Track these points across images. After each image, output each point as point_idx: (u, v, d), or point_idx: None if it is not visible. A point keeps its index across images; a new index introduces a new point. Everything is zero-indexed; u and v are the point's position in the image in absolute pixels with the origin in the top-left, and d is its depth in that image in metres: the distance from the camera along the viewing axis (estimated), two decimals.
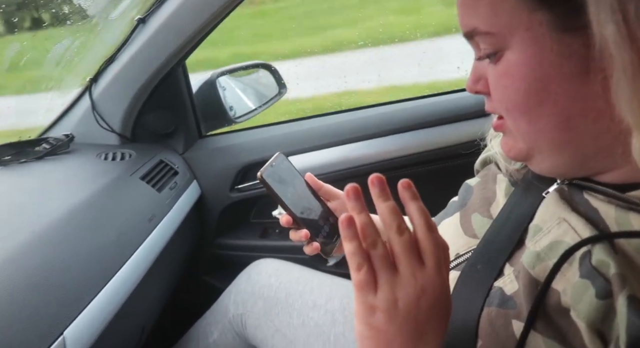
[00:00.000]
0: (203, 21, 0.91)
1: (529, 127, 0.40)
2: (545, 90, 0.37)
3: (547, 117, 0.38)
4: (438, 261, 0.37)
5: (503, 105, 0.41)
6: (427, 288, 0.36)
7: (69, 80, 1.09)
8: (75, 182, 0.88)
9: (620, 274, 0.34)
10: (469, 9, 0.40)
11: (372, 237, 0.37)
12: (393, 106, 1.20)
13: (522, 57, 0.37)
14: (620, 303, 0.33)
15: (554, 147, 0.40)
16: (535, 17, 0.36)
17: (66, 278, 0.62)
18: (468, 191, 0.61)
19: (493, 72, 0.40)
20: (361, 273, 0.37)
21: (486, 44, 0.40)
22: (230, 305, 0.94)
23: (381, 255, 0.37)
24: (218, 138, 1.23)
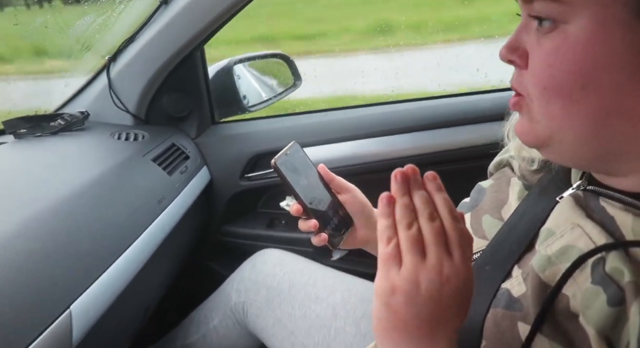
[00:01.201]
0: (225, 7, 0.91)
1: (562, 112, 0.37)
2: (594, 77, 0.35)
3: (586, 106, 0.36)
4: (464, 252, 0.38)
5: (541, 83, 0.37)
6: (452, 277, 0.36)
7: (88, 58, 1.10)
8: (88, 159, 0.88)
9: (635, 282, 0.34)
10: None
11: (410, 218, 0.38)
12: (409, 104, 1.20)
13: (584, 36, 0.34)
14: (634, 312, 0.33)
15: (580, 138, 0.38)
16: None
17: (76, 251, 0.63)
18: (480, 193, 0.60)
19: (540, 44, 0.37)
20: (389, 246, 0.37)
21: (547, 9, 0.36)
22: (232, 292, 0.95)
23: (413, 236, 0.37)
24: (231, 125, 1.23)
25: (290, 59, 1.38)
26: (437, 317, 0.37)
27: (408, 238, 0.37)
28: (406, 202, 0.38)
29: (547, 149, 0.41)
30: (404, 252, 0.37)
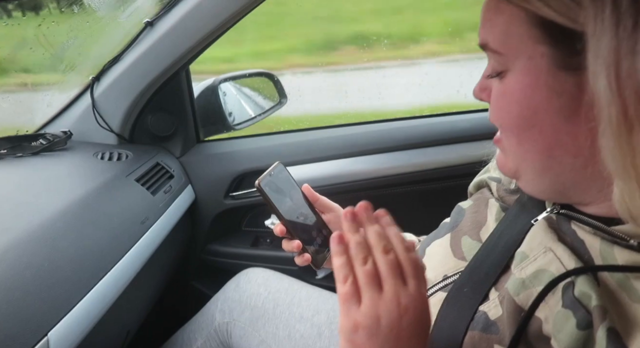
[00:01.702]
0: (210, 29, 0.93)
1: (518, 147, 0.42)
2: (534, 118, 0.39)
3: (533, 142, 0.40)
4: (419, 281, 0.40)
5: (498, 121, 0.44)
6: (410, 307, 0.38)
7: (71, 77, 1.09)
8: (70, 179, 0.87)
9: (602, 306, 0.35)
10: (487, 23, 0.41)
11: (364, 253, 0.40)
12: (391, 123, 1.22)
13: (520, 83, 0.39)
14: (600, 336, 0.34)
15: (535, 172, 0.42)
16: (538, 48, 0.37)
17: (55, 278, 0.62)
18: (460, 213, 0.62)
19: (495, 88, 0.42)
20: (346, 285, 0.39)
21: (494, 61, 0.42)
22: (216, 312, 0.94)
23: (369, 271, 0.39)
24: (216, 144, 1.23)
25: (275, 77, 1.40)
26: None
27: (365, 274, 0.39)
28: (359, 239, 0.41)
29: (519, 181, 0.46)
30: (362, 288, 0.39)
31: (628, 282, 0.36)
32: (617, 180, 0.34)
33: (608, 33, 0.31)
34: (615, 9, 0.31)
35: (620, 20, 0.31)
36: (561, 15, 0.34)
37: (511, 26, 0.38)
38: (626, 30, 0.31)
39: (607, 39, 0.31)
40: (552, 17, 0.35)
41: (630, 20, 0.31)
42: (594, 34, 0.32)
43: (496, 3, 0.40)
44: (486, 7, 0.41)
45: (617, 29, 0.31)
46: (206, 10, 0.91)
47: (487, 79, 0.45)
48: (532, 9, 0.36)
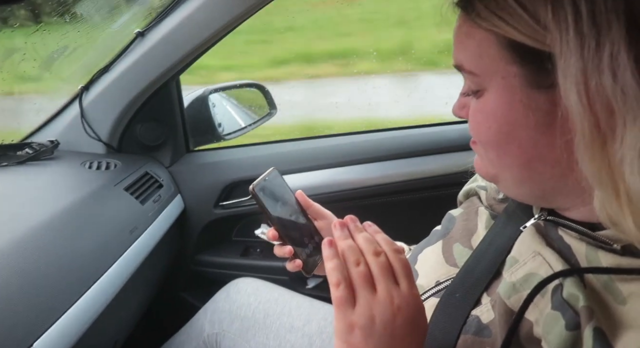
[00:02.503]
0: (200, 40, 0.93)
1: (497, 159, 0.44)
2: (512, 134, 0.41)
3: (512, 155, 0.42)
4: (411, 281, 0.41)
5: (477, 137, 0.46)
6: (402, 306, 0.39)
7: (60, 87, 1.09)
8: (57, 189, 0.86)
9: (588, 307, 0.36)
10: (460, 46, 0.43)
11: (356, 256, 0.41)
12: (382, 134, 1.23)
13: (496, 101, 0.41)
14: (587, 335, 0.35)
15: (515, 180, 0.44)
16: (510, 68, 0.39)
17: (41, 287, 0.60)
18: (451, 221, 0.63)
19: (473, 105, 0.44)
20: (340, 289, 0.40)
21: (469, 81, 0.44)
22: (206, 323, 0.92)
23: (362, 273, 0.40)
24: (205, 153, 1.23)
25: (265, 88, 1.41)
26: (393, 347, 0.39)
27: (359, 275, 0.40)
28: (351, 243, 0.43)
29: (498, 185, 0.48)
30: (356, 289, 0.40)
31: (612, 285, 0.37)
32: (596, 189, 0.36)
33: (574, 53, 0.33)
34: (578, 31, 0.33)
35: (584, 41, 0.33)
36: (529, 37, 0.36)
37: (483, 48, 0.40)
38: (590, 50, 0.33)
39: (574, 59, 0.33)
40: (520, 40, 0.37)
41: (593, 41, 0.32)
42: (560, 54, 0.34)
43: (467, 27, 0.42)
44: (457, 31, 0.43)
45: (581, 49, 0.33)
46: (197, 21, 0.92)
47: (464, 96, 0.47)
48: (501, 33, 0.38)
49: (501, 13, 0.37)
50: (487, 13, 0.39)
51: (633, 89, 0.32)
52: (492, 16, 0.38)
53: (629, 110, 0.32)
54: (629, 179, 0.32)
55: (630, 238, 0.34)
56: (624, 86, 0.32)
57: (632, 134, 0.32)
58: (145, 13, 0.98)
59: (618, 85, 0.32)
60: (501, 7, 0.37)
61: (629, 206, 0.33)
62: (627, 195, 0.33)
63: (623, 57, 0.32)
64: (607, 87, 0.32)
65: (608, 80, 0.32)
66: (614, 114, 0.33)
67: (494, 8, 0.38)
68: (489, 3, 0.39)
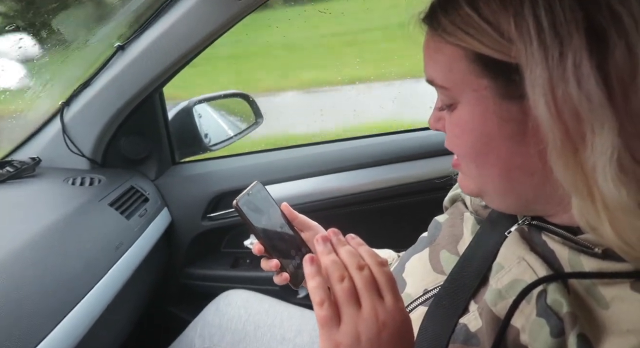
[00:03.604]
0: (182, 52, 0.93)
1: (477, 171, 0.44)
2: (489, 144, 0.41)
3: (491, 166, 0.42)
4: (395, 294, 0.41)
5: (455, 150, 0.46)
6: (388, 321, 0.39)
7: (40, 103, 1.07)
8: (39, 207, 0.85)
9: (572, 313, 0.36)
10: (430, 62, 0.44)
11: (339, 271, 0.40)
12: (368, 140, 1.24)
13: (470, 114, 0.41)
14: (571, 342, 0.35)
15: (497, 192, 0.44)
16: (481, 81, 0.39)
17: (22, 310, 0.59)
18: (437, 227, 0.62)
19: (448, 119, 0.44)
20: (324, 308, 0.39)
21: (442, 95, 0.44)
22: (196, 338, 0.91)
23: (346, 289, 0.39)
24: (192, 165, 1.22)
25: (250, 97, 1.40)
26: None
27: (343, 291, 0.40)
28: (334, 258, 0.42)
29: (484, 199, 0.48)
30: (341, 306, 0.39)
31: (595, 289, 0.37)
32: (572, 197, 0.36)
33: (539, 64, 0.34)
34: (541, 42, 0.33)
35: (547, 52, 0.33)
36: (495, 50, 0.37)
37: (452, 63, 0.41)
38: (554, 60, 0.33)
39: (539, 69, 0.34)
40: (487, 53, 0.37)
41: (556, 51, 0.33)
42: (526, 66, 0.34)
43: (435, 43, 0.42)
44: (426, 47, 0.44)
45: (546, 60, 0.33)
46: (177, 34, 0.91)
47: (439, 111, 0.47)
48: (468, 47, 0.39)
49: (466, 28, 0.38)
50: (453, 28, 0.39)
51: (598, 96, 0.32)
52: (458, 31, 0.39)
53: (596, 118, 0.32)
54: (602, 186, 0.33)
55: (609, 243, 0.35)
56: (588, 94, 0.32)
57: (601, 141, 0.32)
58: (124, 26, 0.97)
59: (583, 93, 0.32)
60: (466, 22, 0.38)
61: (606, 212, 0.33)
62: (603, 202, 0.33)
63: (586, 65, 0.32)
64: (573, 95, 0.33)
65: (573, 88, 0.33)
66: (582, 122, 0.33)
67: (459, 23, 0.39)
68: (454, 18, 0.39)
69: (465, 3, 0.38)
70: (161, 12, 0.91)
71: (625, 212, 0.33)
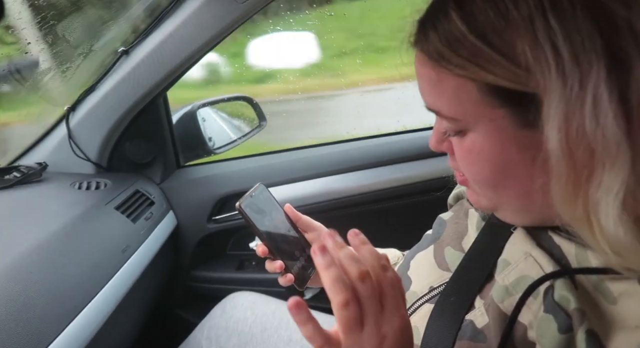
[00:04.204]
0: (185, 56, 0.94)
1: (495, 195, 0.43)
2: (507, 170, 0.40)
3: (510, 189, 0.42)
4: (395, 301, 0.38)
5: (470, 177, 0.44)
6: (388, 332, 0.37)
7: (46, 109, 1.08)
8: (46, 211, 0.85)
9: (580, 309, 0.36)
10: (433, 91, 0.41)
11: (342, 294, 0.36)
12: (371, 141, 1.24)
13: (487, 142, 0.39)
14: (580, 338, 0.35)
15: (515, 211, 0.44)
16: (497, 111, 0.37)
17: (32, 312, 0.59)
18: (442, 225, 0.62)
19: (458, 145, 0.42)
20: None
21: (450, 124, 0.41)
22: (203, 340, 0.91)
23: (352, 315, 0.36)
24: (197, 168, 1.23)
25: (254, 100, 1.41)
26: None
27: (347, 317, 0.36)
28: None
29: (497, 214, 0.48)
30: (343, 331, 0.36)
31: (603, 284, 0.37)
32: (574, 226, 0.35)
33: (557, 95, 0.32)
34: (560, 72, 0.32)
35: (567, 82, 0.32)
36: (511, 81, 0.35)
37: (461, 94, 0.38)
38: (573, 91, 0.32)
39: (556, 101, 0.32)
40: (502, 84, 0.35)
41: (576, 82, 0.32)
42: (544, 95, 0.33)
43: (437, 74, 0.39)
44: (425, 76, 0.40)
45: (564, 90, 0.32)
46: (181, 38, 0.92)
47: (441, 130, 0.44)
48: (477, 79, 0.36)
49: (477, 60, 0.35)
50: (460, 60, 0.36)
51: (614, 132, 0.31)
52: (467, 63, 0.36)
53: (609, 155, 0.31)
54: (604, 223, 0.32)
55: (612, 264, 0.34)
56: (605, 129, 0.31)
57: (611, 178, 0.31)
58: (129, 31, 0.98)
59: (600, 128, 0.31)
60: (475, 53, 0.35)
61: (605, 242, 0.33)
62: (602, 234, 0.33)
63: (605, 100, 0.31)
64: (589, 130, 0.31)
65: (590, 124, 0.31)
66: (593, 157, 0.32)
67: (467, 55, 0.36)
68: (457, 49, 0.36)
69: (470, 33, 0.35)
70: (164, 16, 0.92)
71: (624, 248, 0.32)
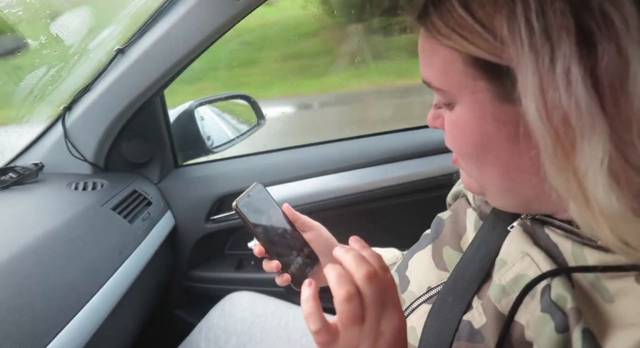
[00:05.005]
0: (182, 55, 0.93)
1: (477, 171, 0.44)
2: (488, 145, 0.41)
3: (491, 166, 0.42)
4: (395, 300, 0.40)
5: (454, 150, 0.45)
6: (386, 330, 0.38)
7: (41, 109, 1.07)
8: (42, 212, 0.85)
9: (576, 308, 0.35)
10: (426, 64, 0.43)
11: (346, 287, 0.38)
12: (369, 139, 1.23)
13: (469, 115, 0.41)
14: (576, 337, 0.34)
15: (500, 191, 0.44)
16: (478, 84, 0.39)
17: (26, 315, 0.59)
18: (440, 224, 0.62)
19: (447, 117, 0.44)
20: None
21: (440, 96, 0.44)
22: (201, 341, 0.91)
23: (354, 310, 0.37)
24: (194, 168, 1.22)
25: (252, 99, 1.40)
26: None
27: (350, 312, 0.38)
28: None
29: (487, 198, 0.48)
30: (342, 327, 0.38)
31: (599, 283, 0.37)
32: (570, 201, 0.35)
33: (529, 68, 0.33)
34: (532, 46, 0.33)
35: (539, 56, 0.33)
36: (489, 53, 0.36)
37: (448, 65, 0.40)
38: (545, 65, 0.32)
39: (530, 73, 0.33)
40: (481, 56, 0.37)
41: (547, 56, 0.32)
42: (518, 69, 0.34)
43: (430, 44, 0.41)
44: (422, 47, 0.43)
45: (537, 64, 0.33)
46: (177, 36, 0.91)
47: (436, 108, 0.46)
48: (461, 49, 0.38)
49: (460, 30, 0.37)
50: (447, 31, 0.39)
51: (587, 102, 0.31)
52: (453, 34, 0.38)
53: (585, 124, 0.32)
54: (594, 192, 0.32)
55: (609, 245, 0.34)
56: (577, 100, 0.32)
57: (591, 147, 0.32)
58: (124, 29, 0.97)
59: (572, 99, 0.32)
60: (460, 24, 0.37)
61: (602, 217, 0.33)
62: (599, 207, 0.33)
63: (575, 71, 0.32)
64: (563, 101, 0.32)
65: (563, 94, 0.32)
66: (571, 128, 0.32)
67: (453, 25, 0.38)
68: (448, 21, 0.38)
69: (459, 5, 0.37)
70: (160, 14, 0.91)
71: (620, 218, 0.32)
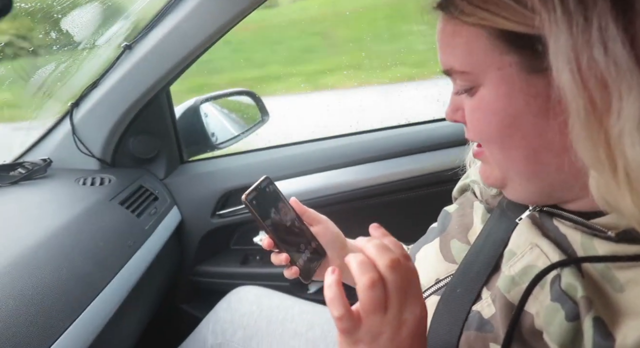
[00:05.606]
0: (188, 50, 0.93)
1: (502, 155, 0.43)
2: (514, 124, 0.40)
3: (517, 148, 0.41)
4: (417, 289, 0.40)
5: (478, 135, 0.44)
6: (409, 319, 0.38)
7: (50, 105, 1.08)
8: (51, 207, 0.86)
9: (587, 297, 0.36)
10: (447, 48, 0.43)
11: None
12: (376, 134, 1.24)
13: (494, 94, 0.40)
14: (587, 325, 0.35)
15: (523, 177, 0.43)
16: (505, 58, 0.39)
17: (39, 307, 0.60)
18: (447, 218, 0.62)
19: (469, 104, 0.43)
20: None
21: (462, 81, 0.43)
22: (208, 334, 0.92)
23: (378, 297, 0.37)
24: (200, 164, 1.23)
25: (256, 95, 1.41)
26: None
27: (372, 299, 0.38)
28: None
29: (506, 190, 0.47)
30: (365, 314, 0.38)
31: (609, 273, 0.37)
32: (592, 172, 0.35)
33: (563, 32, 0.33)
34: (565, 9, 0.33)
35: (572, 19, 0.32)
36: (517, 24, 0.36)
37: (472, 44, 0.40)
38: (579, 27, 0.32)
39: (564, 37, 0.33)
40: (510, 28, 0.37)
41: (581, 17, 0.32)
42: (550, 35, 0.34)
43: (452, 27, 0.41)
44: (442, 33, 0.43)
45: (570, 27, 0.32)
46: (184, 32, 0.92)
47: (456, 96, 0.46)
48: (489, 24, 0.38)
49: (486, 5, 0.37)
50: (471, 8, 0.39)
51: (625, 59, 0.31)
52: (478, 10, 0.38)
53: (623, 81, 0.31)
54: (629, 152, 0.31)
55: (628, 219, 0.34)
56: (615, 57, 0.31)
57: (629, 105, 0.31)
58: (131, 26, 0.98)
59: (610, 57, 0.31)
60: (486, 0, 0.37)
61: (627, 184, 0.32)
62: (625, 172, 0.32)
63: (612, 28, 0.31)
64: (599, 60, 0.32)
65: (599, 53, 0.32)
66: (608, 88, 0.32)
67: (477, 2, 0.38)
68: (472, 0, 0.38)
69: None
70: (167, 10, 0.92)
71: None
